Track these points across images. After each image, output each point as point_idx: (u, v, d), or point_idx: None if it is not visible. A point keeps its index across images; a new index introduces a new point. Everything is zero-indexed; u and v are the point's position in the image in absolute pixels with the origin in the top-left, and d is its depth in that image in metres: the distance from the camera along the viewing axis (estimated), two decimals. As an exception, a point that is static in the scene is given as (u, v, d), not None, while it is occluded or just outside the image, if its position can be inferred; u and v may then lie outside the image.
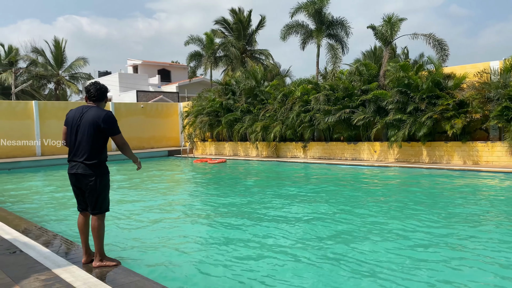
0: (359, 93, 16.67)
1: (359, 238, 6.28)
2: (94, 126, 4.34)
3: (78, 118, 4.43)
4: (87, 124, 4.36)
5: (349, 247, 5.83)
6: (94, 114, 4.39)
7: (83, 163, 4.35)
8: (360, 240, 6.18)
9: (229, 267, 5.26)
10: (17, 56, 40.49)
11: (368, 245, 5.93)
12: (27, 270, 4.39)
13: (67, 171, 4.54)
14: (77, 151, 4.39)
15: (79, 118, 4.43)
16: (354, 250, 5.68)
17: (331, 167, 15.89)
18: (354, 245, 5.89)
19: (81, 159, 4.36)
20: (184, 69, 45.73)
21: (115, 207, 9.48)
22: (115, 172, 17.55)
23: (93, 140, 4.36)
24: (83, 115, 4.43)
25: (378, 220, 7.41)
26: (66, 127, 4.54)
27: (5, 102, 21.53)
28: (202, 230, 7.26)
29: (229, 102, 21.69)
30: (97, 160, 4.40)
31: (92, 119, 4.36)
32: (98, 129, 4.35)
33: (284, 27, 20.21)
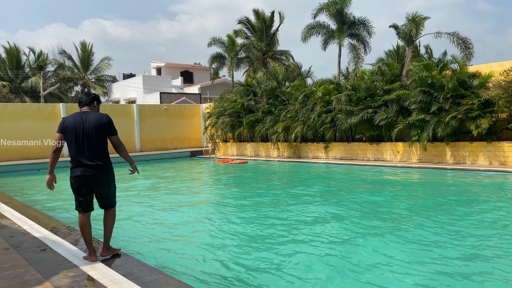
0: (382, 93, 16.51)
1: (388, 244, 6.26)
2: (100, 127, 4.65)
3: (80, 124, 4.63)
4: (93, 127, 4.62)
5: (378, 253, 5.82)
6: (96, 117, 4.69)
7: (97, 164, 4.63)
8: (388, 247, 6.15)
9: (249, 266, 5.34)
10: (46, 60, 41.78)
11: (400, 254, 5.91)
12: (56, 267, 4.59)
13: (72, 175, 4.67)
14: (89, 153, 4.61)
15: (82, 123, 4.63)
16: (385, 255, 5.68)
17: (353, 167, 15.80)
18: (384, 251, 5.88)
19: (95, 160, 4.62)
20: (206, 70, 46.15)
21: (136, 207, 9.71)
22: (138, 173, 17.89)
23: (101, 140, 4.68)
24: (86, 120, 4.65)
25: (407, 227, 7.36)
26: (62, 134, 4.67)
27: (34, 105, 22.27)
28: (225, 230, 7.37)
29: (250, 103, 21.81)
30: (107, 158, 4.76)
31: (97, 121, 4.66)
32: (103, 129, 4.67)
33: (305, 28, 20.21)
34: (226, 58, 28.45)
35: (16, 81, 39.59)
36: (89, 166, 4.60)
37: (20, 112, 20.73)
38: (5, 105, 20.76)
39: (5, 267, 4.62)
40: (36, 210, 8.19)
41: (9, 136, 20.10)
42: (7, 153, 19.89)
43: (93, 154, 4.61)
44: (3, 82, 38.12)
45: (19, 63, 40.35)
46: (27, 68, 41.29)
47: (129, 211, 9.17)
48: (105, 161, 4.70)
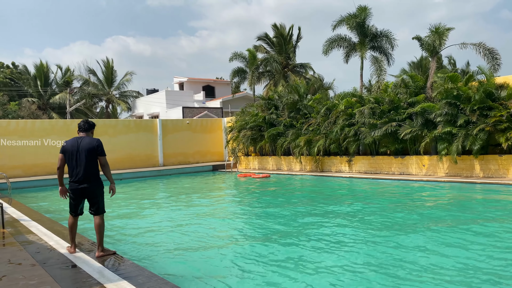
0: (406, 105, 16.24)
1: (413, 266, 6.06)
2: (90, 150, 5.66)
3: (76, 147, 5.68)
4: (84, 150, 5.65)
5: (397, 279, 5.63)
6: (89, 141, 5.73)
7: (87, 179, 5.67)
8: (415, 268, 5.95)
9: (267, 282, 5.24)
10: (71, 76, 43.00)
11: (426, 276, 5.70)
12: (81, 284, 4.59)
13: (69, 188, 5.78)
14: (79, 171, 5.65)
15: (77, 146, 5.68)
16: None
17: (378, 182, 15.50)
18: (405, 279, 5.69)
19: (84, 177, 5.66)
20: (227, 84, 46.58)
21: (159, 221, 9.72)
22: (159, 188, 18.03)
23: (91, 160, 5.67)
24: (80, 144, 5.70)
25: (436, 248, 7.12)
26: (63, 154, 5.71)
27: (61, 121, 22.81)
28: (246, 246, 7.27)
29: (272, 117, 21.79)
30: (96, 174, 5.75)
31: (88, 144, 5.69)
32: (93, 151, 5.67)
33: (326, 41, 20.19)
34: (247, 72, 28.63)
35: (44, 98, 40.80)
36: (82, 183, 5.66)
37: (47, 128, 21.27)
38: (33, 121, 21.35)
39: (32, 284, 4.65)
40: (62, 226, 8.29)
41: (37, 152, 20.60)
42: (34, 169, 20.37)
43: (84, 172, 5.64)
44: (32, 99, 39.33)
45: (47, 80, 41.63)
46: (54, 85, 42.55)
47: (151, 224, 9.20)
48: (95, 176, 5.73)
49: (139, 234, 8.51)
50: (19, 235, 7.43)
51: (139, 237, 8.17)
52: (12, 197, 14.53)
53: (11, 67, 47.04)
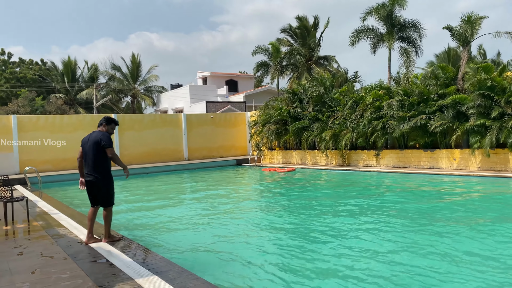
0: (436, 97, 15.74)
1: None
2: (96, 142, 5.95)
3: (87, 141, 6.11)
4: (91, 143, 6.00)
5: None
6: (96, 135, 6.08)
7: (94, 172, 5.99)
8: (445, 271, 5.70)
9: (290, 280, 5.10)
10: (97, 72, 43.71)
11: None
12: (112, 278, 4.57)
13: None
14: (88, 164, 6.03)
15: (87, 140, 6.11)
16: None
17: (407, 176, 15.10)
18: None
19: (91, 170, 6.01)
20: (250, 78, 46.41)
21: (187, 216, 9.70)
22: (183, 181, 18.10)
23: (97, 153, 5.96)
24: (89, 137, 6.11)
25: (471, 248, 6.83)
26: (81, 147, 6.18)
27: (88, 116, 23.21)
28: (272, 241, 7.15)
29: (296, 110, 21.53)
30: (102, 168, 6.02)
31: (94, 138, 6.03)
32: (98, 144, 5.96)
33: (353, 32, 19.75)
34: (271, 65, 28.40)
35: (71, 93, 41.63)
36: (90, 175, 6.03)
37: (75, 123, 21.65)
38: (62, 116, 21.77)
39: (64, 278, 4.66)
40: (91, 219, 8.34)
41: (65, 147, 21.00)
42: (63, 163, 20.77)
43: (92, 164, 5.99)
44: (60, 95, 40.18)
45: (74, 76, 42.44)
46: (81, 81, 43.36)
47: (179, 219, 9.19)
48: (100, 171, 6.01)
49: (165, 227, 8.50)
50: (50, 229, 7.53)
51: (165, 231, 8.16)
52: (43, 190, 14.85)
53: (40, 64, 48.17)
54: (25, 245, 6.32)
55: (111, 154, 6.02)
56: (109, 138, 6.09)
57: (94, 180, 6.03)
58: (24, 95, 36.63)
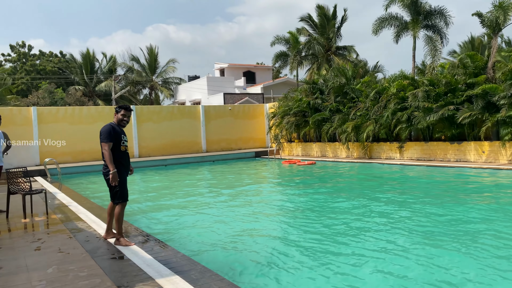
0: (464, 87, 15.08)
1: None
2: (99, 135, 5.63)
3: None
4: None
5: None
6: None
7: (103, 166, 5.64)
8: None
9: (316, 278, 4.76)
10: (115, 64, 43.86)
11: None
12: (132, 278, 4.31)
13: None
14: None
15: None
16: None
17: (433, 169, 14.55)
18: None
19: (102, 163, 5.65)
20: (268, 70, 45.91)
21: (204, 211, 9.45)
22: (201, 173, 17.89)
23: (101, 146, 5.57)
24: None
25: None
26: None
27: (107, 108, 23.18)
28: (293, 237, 6.83)
29: (316, 102, 21.05)
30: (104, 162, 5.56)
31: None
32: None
33: (376, 21, 19.10)
34: (289, 56, 27.87)
35: (90, 85, 41.89)
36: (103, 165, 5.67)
37: (94, 115, 21.64)
38: (81, 108, 21.78)
39: (82, 276, 4.43)
40: (110, 213, 8.15)
41: (85, 138, 21.03)
42: (82, 155, 20.82)
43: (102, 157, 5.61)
44: (79, 87, 40.47)
45: (93, 68, 42.67)
46: (99, 73, 43.58)
47: (198, 213, 8.95)
48: (105, 164, 5.55)
49: (183, 221, 8.25)
50: (69, 222, 7.36)
51: (183, 225, 7.91)
52: (62, 182, 14.83)
53: (59, 56, 48.60)
54: (42, 240, 6.14)
55: (103, 150, 5.46)
56: (107, 132, 5.50)
57: (103, 172, 5.67)
58: (45, 87, 37.00)
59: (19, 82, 42.03)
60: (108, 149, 5.43)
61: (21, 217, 7.92)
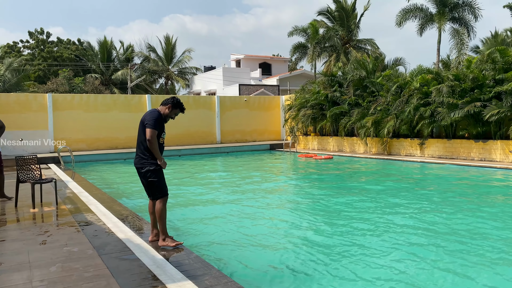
0: (492, 83, 14.37)
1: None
2: (143, 124, 4.95)
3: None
4: (140, 123, 5.02)
5: None
6: (145, 115, 5.02)
7: (138, 156, 5.02)
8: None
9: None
10: (132, 53, 43.69)
11: None
12: (140, 282, 3.97)
13: None
14: (137, 146, 5.07)
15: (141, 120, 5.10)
16: None
17: (456, 168, 13.94)
18: None
19: (137, 153, 5.04)
20: (284, 62, 45.25)
21: (220, 205, 9.11)
22: (216, 164, 17.56)
23: (142, 134, 4.94)
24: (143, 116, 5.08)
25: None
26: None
27: (122, 96, 22.98)
28: (307, 235, 6.42)
29: (335, 95, 20.47)
30: (148, 153, 4.94)
31: (143, 118, 5.00)
32: (144, 126, 4.93)
33: (400, 12, 18.40)
34: (308, 47, 27.25)
35: (107, 74, 41.84)
36: (135, 158, 5.07)
37: (109, 103, 21.45)
38: (96, 96, 21.61)
39: (87, 277, 4.10)
40: (121, 205, 7.87)
41: (99, 126, 20.89)
42: (97, 143, 20.68)
43: (138, 146, 5.03)
44: (95, 75, 40.44)
45: (110, 56, 42.58)
46: (116, 61, 43.49)
47: (212, 209, 8.60)
48: (146, 155, 4.94)
49: (195, 217, 7.91)
50: (78, 214, 7.08)
51: (195, 221, 7.57)
52: (75, 170, 14.66)
53: (77, 44, 48.66)
54: (49, 233, 5.86)
55: (149, 137, 4.81)
56: (156, 118, 4.92)
57: (138, 167, 5.01)
58: (64, 75, 37.02)
59: (36, 69, 42.19)
60: (154, 136, 4.85)
61: (30, 206, 7.67)
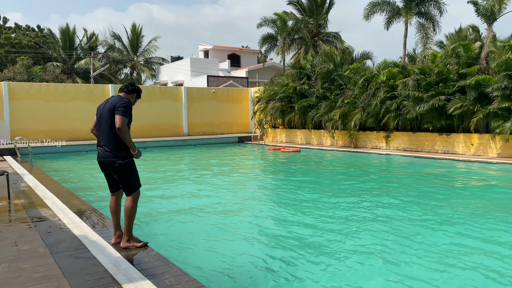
0: (456, 77, 14.68)
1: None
2: (111, 109, 4.46)
3: (102, 107, 4.61)
4: (106, 110, 4.51)
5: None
6: (113, 101, 4.52)
7: (106, 148, 4.50)
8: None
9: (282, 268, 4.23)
10: (96, 42, 42.17)
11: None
12: (94, 282, 3.68)
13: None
14: (101, 137, 4.57)
15: (103, 107, 4.60)
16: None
17: (420, 160, 14.20)
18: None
19: (103, 144, 4.53)
20: (253, 53, 44.97)
21: (183, 199, 8.85)
22: (182, 157, 17.22)
23: (112, 123, 4.44)
24: (106, 104, 4.59)
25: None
26: (96, 116, 4.70)
27: (84, 85, 22.09)
28: (272, 229, 6.28)
29: (303, 87, 20.44)
30: (117, 142, 4.48)
31: (110, 104, 4.51)
32: (112, 112, 4.45)
33: (368, 5, 18.47)
34: (277, 39, 27.07)
35: (69, 62, 40.22)
36: (102, 150, 4.55)
37: (70, 93, 20.57)
38: (56, 85, 20.67)
39: (36, 278, 3.77)
40: (80, 200, 7.45)
41: (60, 117, 20.02)
42: (58, 134, 19.82)
43: (104, 138, 4.53)
44: (57, 63, 38.79)
45: (72, 45, 40.91)
46: (79, 50, 41.88)
47: (174, 202, 8.32)
48: (116, 147, 4.49)
49: (155, 211, 7.61)
50: (32, 209, 6.64)
51: (155, 216, 7.28)
52: (33, 163, 13.95)
53: (37, 31, 46.52)
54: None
55: (119, 125, 4.34)
56: (130, 106, 4.52)
57: (108, 160, 4.49)
58: (22, 63, 35.26)
59: (-8, 56, 40.05)
60: (125, 124, 4.39)
61: (-21, 201, 7.14)
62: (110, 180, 4.72)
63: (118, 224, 4.77)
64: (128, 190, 4.57)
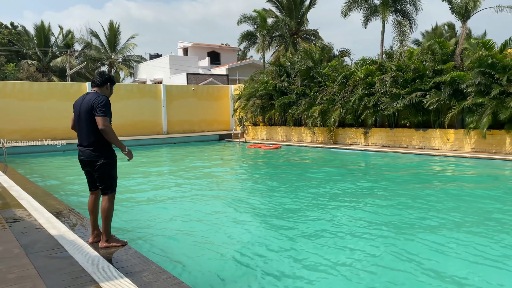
0: (432, 74, 14.97)
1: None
2: (89, 110, 4.35)
3: (79, 105, 4.49)
4: (84, 109, 4.40)
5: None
6: (90, 98, 4.42)
7: (88, 148, 4.42)
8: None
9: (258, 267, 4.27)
10: (73, 39, 41.35)
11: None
12: (71, 282, 3.62)
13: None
14: (81, 136, 4.48)
15: (80, 104, 4.48)
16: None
17: (398, 156, 14.45)
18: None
19: (85, 144, 4.44)
20: (233, 51, 44.83)
21: (167, 200, 8.79)
22: (161, 156, 17.08)
23: (91, 123, 4.36)
24: (83, 101, 4.47)
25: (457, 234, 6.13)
26: (74, 114, 4.60)
27: (60, 84, 21.65)
28: (252, 227, 6.31)
29: (283, 85, 20.52)
30: (99, 143, 4.40)
31: (87, 102, 4.39)
32: (91, 111, 4.35)
33: (345, 2, 18.62)
34: (257, 36, 27.08)
35: (44, 60, 39.35)
36: (83, 149, 4.48)
37: (46, 91, 20.13)
38: (31, 83, 20.19)
39: (11, 279, 3.69)
40: (56, 200, 7.31)
41: (35, 116, 19.57)
42: (33, 133, 19.38)
43: (85, 136, 4.43)
44: (31, 61, 37.89)
45: (47, 42, 40.02)
46: (55, 48, 40.99)
47: (152, 200, 8.26)
48: (97, 146, 4.41)
49: (133, 208, 7.55)
50: (7, 210, 6.49)
51: (137, 216, 7.21)
52: (8, 163, 13.61)
53: (10, 28, 45.32)
54: (-30, 231, 5.29)
55: (103, 126, 4.26)
56: (109, 104, 4.42)
57: (89, 159, 4.43)
58: (-6, 61, 34.38)
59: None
60: (108, 124, 4.31)
61: (-50, 203, 6.94)
62: (90, 178, 4.65)
63: (95, 223, 4.71)
64: (105, 189, 4.50)
